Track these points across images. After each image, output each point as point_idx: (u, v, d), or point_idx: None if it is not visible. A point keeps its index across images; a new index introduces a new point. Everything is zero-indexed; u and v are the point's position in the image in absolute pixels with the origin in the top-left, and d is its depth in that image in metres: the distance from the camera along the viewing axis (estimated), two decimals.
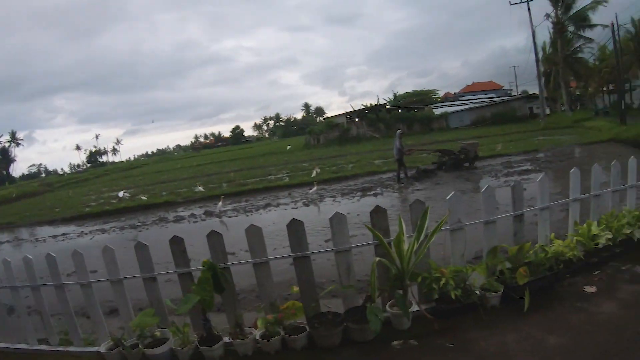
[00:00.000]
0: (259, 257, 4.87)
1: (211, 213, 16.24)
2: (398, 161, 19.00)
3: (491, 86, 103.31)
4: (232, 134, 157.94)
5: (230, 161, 46.42)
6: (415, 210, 4.91)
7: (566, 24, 46.27)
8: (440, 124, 55.47)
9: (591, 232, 5.66)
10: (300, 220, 4.83)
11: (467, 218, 5.34)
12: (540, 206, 5.59)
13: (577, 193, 5.90)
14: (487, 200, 5.21)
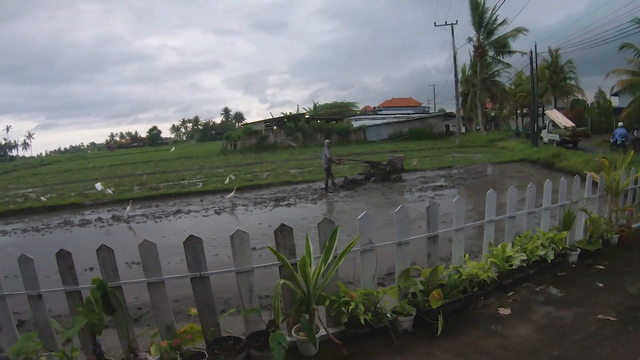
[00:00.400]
0: (153, 275, 4.36)
1: (119, 218, 15.32)
2: (326, 170, 18.91)
3: (410, 102, 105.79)
4: (149, 135, 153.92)
5: (144, 163, 44.82)
6: (323, 230, 4.65)
7: (487, 48, 48.13)
8: (358, 136, 55.85)
9: (505, 253, 5.57)
10: (198, 237, 4.49)
11: (383, 234, 5.15)
12: (455, 227, 5.44)
13: (492, 214, 5.81)
14: (400, 221, 5.00)
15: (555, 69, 51.58)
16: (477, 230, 8.21)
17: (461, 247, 5.52)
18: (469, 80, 59.34)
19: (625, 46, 34.03)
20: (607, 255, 6.79)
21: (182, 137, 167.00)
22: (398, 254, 5.03)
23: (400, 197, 16.39)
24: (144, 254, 4.35)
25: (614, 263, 6.50)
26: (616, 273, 6.07)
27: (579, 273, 6.15)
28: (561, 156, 23.15)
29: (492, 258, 5.49)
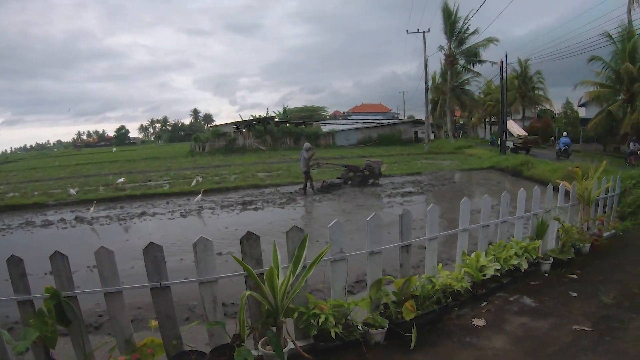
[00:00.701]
0: (110, 285, 4.03)
1: (82, 219, 14.71)
2: (305, 174, 18.90)
3: (380, 108, 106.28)
4: (116, 134, 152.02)
5: (110, 163, 43.94)
6: (292, 238, 4.41)
7: (457, 57, 48.51)
8: (327, 141, 55.79)
9: (479, 263, 5.41)
10: (158, 245, 4.14)
11: (352, 239, 4.95)
12: (429, 236, 5.27)
13: (466, 223, 5.67)
14: (372, 229, 4.80)
15: (524, 79, 52.34)
16: (447, 237, 8.07)
17: (434, 256, 5.36)
18: (439, 88, 60.14)
19: (594, 59, 34.88)
20: (579, 264, 6.77)
21: (150, 138, 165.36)
22: (370, 264, 4.83)
23: (370, 202, 16.23)
24: (100, 261, 3.99)
25: (587, 272, 6.47)
26: (589, 282, 6.04)
27: (552, 282, 6.08)
28: (529, 164, 23.32)
29: (465, 268, 5.35)
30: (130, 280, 4.78)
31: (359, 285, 7.39)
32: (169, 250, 10.13)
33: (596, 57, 34.83)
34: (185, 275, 8.17)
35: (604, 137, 38.64)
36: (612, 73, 34.57)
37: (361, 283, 7.34)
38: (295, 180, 22.05)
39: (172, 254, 9.73)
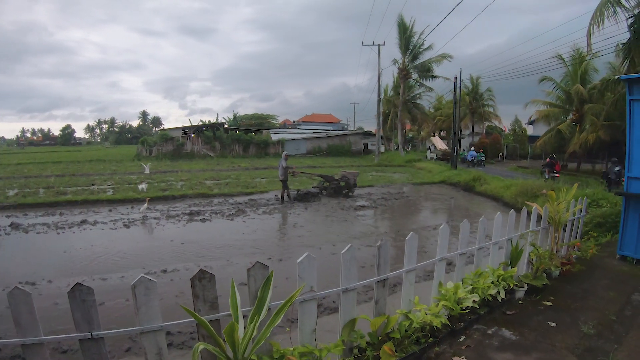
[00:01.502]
0: (28, 334, 3.01)
1: (17, 226, 13.50)
2: (282, 182, 18.89)
3: (330, 119, 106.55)
4: (62, 134, 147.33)
5: (54, 163, 41.88)
6: (254, 277, 3.71)
7: (411, 71, 48.49)
8: (276, 149, 55.09)
9: (457, 295, 4.88)
10: (88, 287, 3.18)
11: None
12: (407, 268, 4.68)
13: (444, 251, 5.11)
14: (347, 264, 4.16)
15: (475, 95, 52.92)
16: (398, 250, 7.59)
17: (412, 289, 4.76)
18: (391, 101, 60.42)
19: (545, 79, 35.85)
20: (551, 289, 6.44)
21: (96, 139, 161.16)
22: (344, 302, 4.20)
23: (318, 217, 15.67)
24: (15, 305, 2.96)
25: (560, 298, 6.15)
26: (565, 310, 5.73)
27: (528, 311, 5.68)
28: (481, 180, 23.30)
29: (444, 301, 4.80)
30: (65, 301, 4.01)
31: None
32: (109, 266, 9.35)
33: (547, 77, 35.77)
34: (127, 296, 7.45)
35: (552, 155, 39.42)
36: (562, 93, 35.68)
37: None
38: (244, 190, 21.45)
39: (112, 270, 8.96)
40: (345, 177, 21.28)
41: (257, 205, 17.67)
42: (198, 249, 10.80)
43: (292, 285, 7.65)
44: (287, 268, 9.16)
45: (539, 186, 17.17)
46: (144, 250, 10.66)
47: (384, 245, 4.46)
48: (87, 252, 10.39)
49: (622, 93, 25.13)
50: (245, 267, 9.30)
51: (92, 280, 8.24)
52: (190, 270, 8.85)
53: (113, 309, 6.90)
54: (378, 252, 4.44)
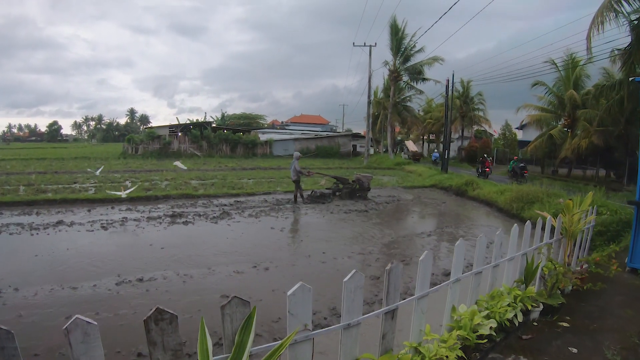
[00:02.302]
0: None
1: None
2: (295, 183, 18.83)
3: (319, 120, 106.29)
4: (48, 130, 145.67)
5: (38, 160, 40.69)
6: (231, 316, 2.63)
7: (402, 73, 47.88)
8: (264, 150, 54.51)
9: (474, 321, 4.21)
10: (8, 330, 2.16)
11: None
12: (420, 294, 3.90)
13: (459, 272, 4.39)
14: (350, 294, 3.26)
15: (466, 99, 52.57)
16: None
17: (423, 318, 3.97)
18: (381, 103, 60.04)
19: (538, 83, 35.83)
20: (565, 308, 5.80)
21: (83, 136, 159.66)
22: (345, 340, 3.33)
23: (311, 218, 15.04)
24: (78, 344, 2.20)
25: (577, 318, 5.52)
26: (584, 332, 5.11)
27: (545, 335, 5.04)
28: (474, 185, 22.82)
29: (459, 331, 4.09)
30: (30, 313, 3.31)
31: None
32: (82, 272, 8.60)
33: (540, 82, 35.69)
34: (98, 308, 6.76)
35: (543, 160, 39.33)
36: (554, 98, 35.51)
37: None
38: (230, 191, 20.74)
39: (84, 278, 8.20)
40: (360, 180, 21.19)
41: (243, 207, 16.91)
42: (178, 254, 10.05)
43: (279, 300, 7.00)
44: (273, 278, 8.53)
45: (534, 192, 16.63)
46: (120, 255, 9.90)
47: (394, 269, 3.55)
48: (60, 257, 9.63)
49: (616, 99, 24.83)
50: (228, 275, 8.66)
51: (62, 289, 7.51)
52: (168, 279, 8.16)
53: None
54: (387, 278, 3.53)
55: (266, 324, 6.31)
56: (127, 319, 6.33)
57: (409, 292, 7.87)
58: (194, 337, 5.80)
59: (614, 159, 32.49)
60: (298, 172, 18.70)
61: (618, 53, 23.39)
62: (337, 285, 8.18)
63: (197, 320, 6.32)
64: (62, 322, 6.10)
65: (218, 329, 6.09)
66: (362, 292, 3.29)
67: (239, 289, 7.77)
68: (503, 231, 5.37)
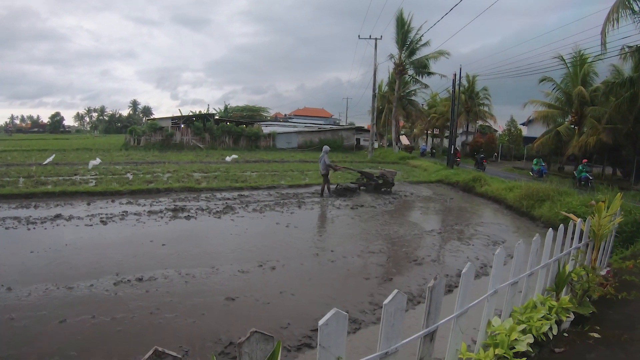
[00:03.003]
0: None
1: None
2: (324, 176, 19.36)
3: (322, 113, 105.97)
4: (50, 121, 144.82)
5: (39, 151, 39.97)
6: (250, 356, 1.95)
7: (407, 67, 47.25)
8: (267, 142, 53.94)
9: (511, 338, 3.78)
10: None
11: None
12: (460, 311, 3.40)
13: (497, 283, 3.92)
14: (390, 318, 2.68)
15: (471, 94, 51.95)
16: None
17: (460, 337, 3.51)
18: (385, 97, 59.47)
19: (545, 79, 35.32)
20: (594, 317, 5.33)
21: (85, 127, 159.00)
22: None
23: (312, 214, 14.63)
24: None
25: (607, 328, 5.04)
26: (616, 344, 4.64)
27: (577, 347, 4.58)
28: (482, 181, 22.36)
29: (497, 349, 3.64)
30: (22, 315, 2.88)
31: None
32: (79, 270, 8.15)
33: (547, 77, 35.24)
34: (94, 311, 6.36)
35: (549, 157, 38.95)
36: (561, 95, 35.17)
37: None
38: (233, 184, 20.32)
39: (81, 277, 7.75)
40: (384, 175, 21.45)
41: (247, 201, 16.47)
42: (180, 251, 9.62)
43: (288, 304, 6.61)
44: (280, 278, 8.11)
45: (545, 190, 16.20)
46: (119, 252, 9.45)
47: (437, 287, 3.01)
48: (57, 253, 9.17)
49: (626, 97, 24.47)
50: (232, 275, 8.23)
51: (57, 289, 7.07)
52: (169, 279, 7.72)
53: (75, 329, 5.76)
54: (429, 296, 2.98)
55: (274, 331, 5.88)
56: (125, 324, 5.90)
57: (422, 295, 7.50)
58: (197, 346, 5.41)
59: (622, 157, 32.26)
60: (327, 166, 19.12)
61: (629, 50, 23.06)
62: (348, 287, 7.81)
63: (200, 327, 5.93)
64: (56, 326, 5.71)
65: (223, 335, 5.70)
66: (404, 314, 2.76)
67: (245, 290, 7.36)
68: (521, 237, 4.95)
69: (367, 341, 5.80)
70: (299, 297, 7.20)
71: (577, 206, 13.59)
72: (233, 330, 5.81)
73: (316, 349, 5.40)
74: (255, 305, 6.74)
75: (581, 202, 13.93)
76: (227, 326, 5.96)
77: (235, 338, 5.60)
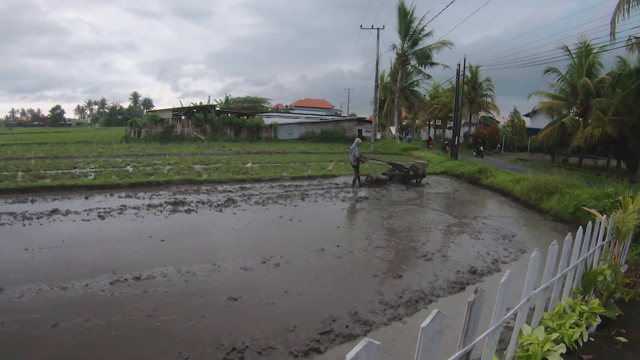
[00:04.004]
0: None
1: None
2: (354, 167, 19.92)
3: (323, 104, 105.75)
4: (51, 114, 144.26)
5: (39, 145, 39.40)
6: None
7: (410, 57, 46.88)
8: (269, 133, 53.56)
9: (544, 349, 3.43)
10: None
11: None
12: (494, 326, 2.98)
13: (531, 289, 3.53)
14: (428, 341, 2.03)
15: (474, 85, 51.51)
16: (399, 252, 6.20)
17: (494, 350, 3.10)
18: (388, 87, 59.23)
19: (550, 70, 35.29)
20: (619, 319, 4.98)
21: (86, 120, 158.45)
22: None
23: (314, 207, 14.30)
24: None
25: (633, 332, 4.74)
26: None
27: (605, 353, 4.25)
28: (487, 172, 22.06)
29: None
30: (13, 319, 2.54)
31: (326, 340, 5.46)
32: (74, 269, 7.78)
33: (552, 68, 35.08)
34: (88, 314, 6.01)
35: (553, 148, 38.74)
36: (566, 86, 35.00)
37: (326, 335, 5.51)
38: (234, 176, 19.98)
39: (76, 275, 7.38)
40: (415, 167, 21.37)
41: (249, 194, 16.10)
42: (180, 247, 9.27)
43: (294, 304, 6.28)
44: (285, 276, 7.78)
45: (553, 182, 15.84)
46: (117, 248, 9.07)
47: (478, 301, 2.56)
48: (52, 251, 8.78)
49: (632, 88, 24.14)
50: (234, 272, 7.87)
51: (51, 289, 6.70)
52: (168, 278, 7.36)
53: (68, 333, 5.41)
54: (469, 312, 2.54)
55: (280, 334, 5.55)
56: (121, 328, 5.55)
57: (434, 293, 7.18)
58: (198, 352, 5.07)
59: (627, 149, 32.04)
60: (357, 158, 19.67)
61: (635, 41, 22.73)
62: (356, 285, 7.46)
63: (201, 331, 5.59)
64: (48, 331, 5.39)
65: (225, 340, 5.37)
66: (442, 337, 2.32)
67: (248, 289, 7.02)
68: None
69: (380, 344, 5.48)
70: (305, 296, 6.87)
71: (587, 199, 13.25)
72: (236, 334, 5.47)
73: (325, 354, 5.08)
74: (259, 306, 6.40)
75: (591, 195, 13.59)
76: (229, 330, 5.62)
77: (238, 343, 5.29)
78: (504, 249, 10.30)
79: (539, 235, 12.28)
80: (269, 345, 5.26)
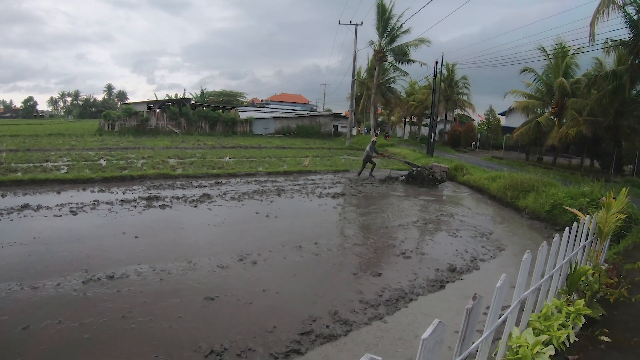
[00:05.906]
0: None
1: None
2: (363, 162, 21.99)
3: (299, 99, 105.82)
4: (23, 106, 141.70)
5: (11, 137, 38.48)
6: None
7: (387, 54, 46.88)
8: (244, 128, 53.14)
9: (534, 351, 3.35)
10: None
11: None
12: (489, 331, 2.92)
13: (522, 291, 3.46)
14: (427, 353, 1.79)
15: (450, 82, 51.79)
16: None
17: (487, 354, 3.05)
18: (364, 83, 59.41)
19: (527, 70, 35.87)
20: (602, 318, 5.00)
21: (59, 112, 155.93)
22: None
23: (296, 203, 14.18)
24: None
25: (616, 331, 4.72)
26: (628, 349, 4.38)
27: (590, 353, 4.22)
28: (464, 170, 22.30)
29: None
30: None
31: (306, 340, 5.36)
32: (45, 267, 7.48)
33: (529, 68, 35.67)
34: (61, 315, 5.79)
35: (528, 147, 39.24)
36: (542, 86, 35.64)
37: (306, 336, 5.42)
38: (210, 171, 19.71)
39: (47, 274, 7.09)
40: (432, 168, 21.00)
41: (224, 190, 15.91)
42: (155, 244, 9.06)
43: (272, 303, 6.15)
44: (263, 274, 7.63)
45: (529, 180, 15.95)
46: (90, 245, 8.78)
47: (476, 308, 2.48)
48: (22, 248, 8.46)
49: (608, 89, 24.51)
50: (211, 270, 7.66)
51: (21, 289, 6.42)
52: (143, 276, 7.14)
53: (39, 337, 5.17)
54: (466, 319, 2.47)
55: (259, 335, 5.41)
56: (94, 330, 5.33)
57: (414, 292, 7.11)
58: (174, 355, 4.91)
59: (601, 149, 32.62)
60: (368, 155, 21.61)
61: (612, 44, 23.12)
62: (336, 283, 7.35)
63: (178, 332, 5.41)
64: (18, 334, 5.18)
65: (203, 342, 5.22)
66: (442, 347, 2.19)
67: (225, 288, 6.84)
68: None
69: (362, 344, 5.41)
70: (284, 295, 6.73)
71: (563, 198, 13.37)
72: (213, 336, 5.31)
73: (306, 355, 4.97)
74: (237, 306, 6.25)
75: (567, 194, 13.70)
76: (207, 331, 5.46)
77: (217, 345, 5.13)
78: (482, 247, 10.31)
79: (515, 233, 12.32)
80: (248, 347, 5.12)
